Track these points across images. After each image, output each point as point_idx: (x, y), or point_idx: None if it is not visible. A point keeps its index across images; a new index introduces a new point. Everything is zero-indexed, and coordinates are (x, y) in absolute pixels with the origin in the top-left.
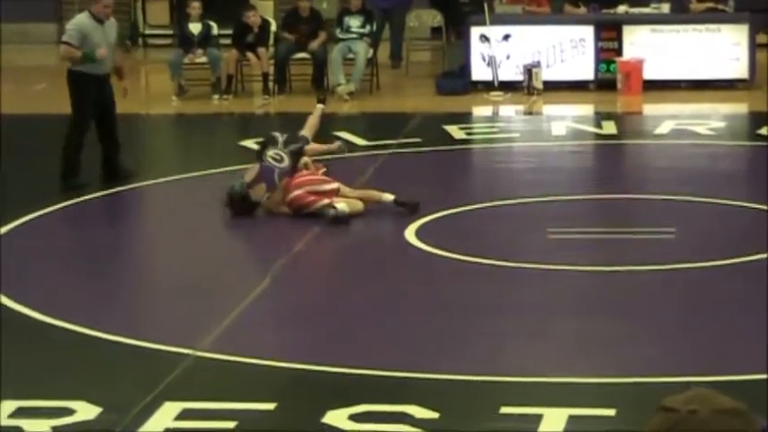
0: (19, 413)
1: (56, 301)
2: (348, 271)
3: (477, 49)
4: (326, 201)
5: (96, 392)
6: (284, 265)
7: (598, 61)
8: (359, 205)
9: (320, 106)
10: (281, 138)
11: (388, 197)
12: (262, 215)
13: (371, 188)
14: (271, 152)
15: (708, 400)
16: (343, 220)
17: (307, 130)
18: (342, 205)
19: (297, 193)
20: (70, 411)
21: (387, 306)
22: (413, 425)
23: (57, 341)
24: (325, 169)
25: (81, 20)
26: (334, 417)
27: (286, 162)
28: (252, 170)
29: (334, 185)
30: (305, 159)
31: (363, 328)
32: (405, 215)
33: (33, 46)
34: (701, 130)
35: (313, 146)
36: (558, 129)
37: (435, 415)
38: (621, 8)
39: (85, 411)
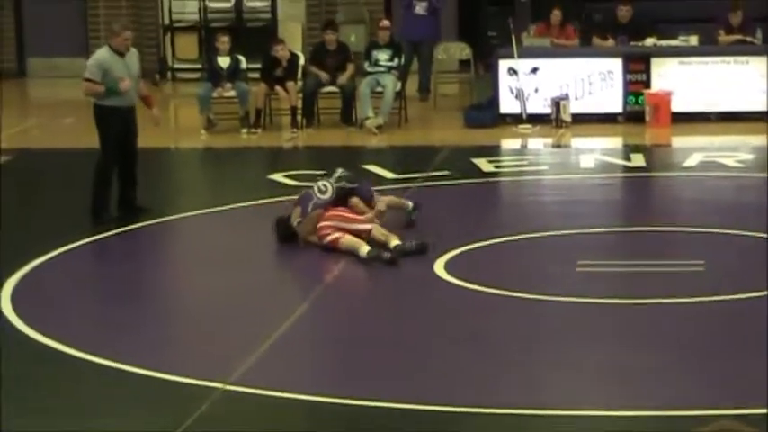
0: None
1: (84, 335)
2: (377, 304)
3: (505, 81)
4: (337, 235)
5: (125, 427)
6: (314, 297)
7: (626, 94)
8: (365, 244)
9: (409, 204)
10: (338, 173)
11: (393, 243)
12: (296, 246)
13: (393, 233)
14: (321, 182)
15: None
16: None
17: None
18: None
19: (324, 224)
20: None
21: (416, 339)
22: None
23: (85, 375)
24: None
25: (101, 54)
26: None
27: (328, 195)
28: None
29: (367, 227)
30: (354, 200)
31: (393, 362)
32: (433, 249)
33: (62, 80)
34: (730, 162)
35: (389, 197)
36: (587, 161)
37: None
38: (650, 41)
39: None
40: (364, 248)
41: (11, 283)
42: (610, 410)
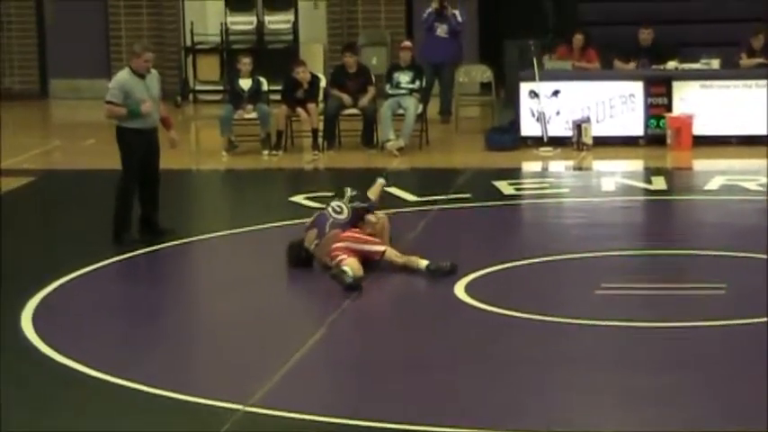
0: None
1: (105, 356)
2: (398, 326)
3: (526, 104)
4: (344, 256)
5: None
6: (335, 319)
7: (648, 117)
8: (361, 272)
9: (381, 181)
10: (349, 192)
11: (423, 264)
12: (317, 267)
13: (415, 254)
14: (334, 203)
15: None
16: (356, 287)
17: (373, 197)
18: (348, 268)
19: (337, 245)
20: None
21: (436, 362)
22: None
23: (106, 396)
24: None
25: (122, 77)
26: None
27: (344, 215)
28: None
29: (380, 248)
30: (369, 218)
31: (413, 384)
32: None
33: (84, 101)
34: (751, 185)
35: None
36: (608, 184)
37: None
38: (671, 64)
39: None
40: (423, 262)
41: (32, 303)
42: None
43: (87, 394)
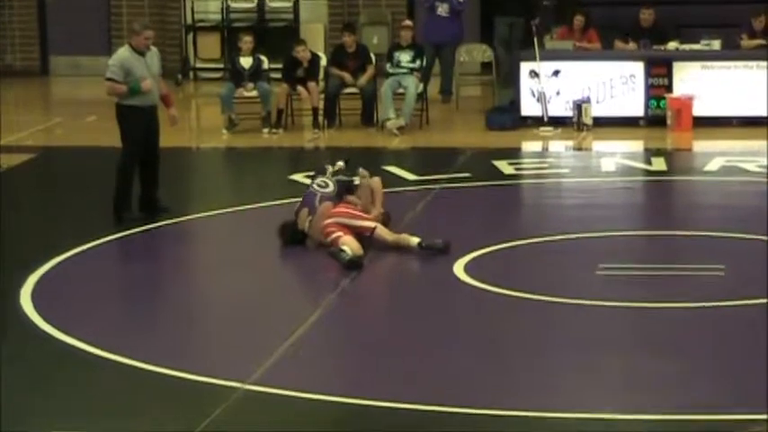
0: None
1: (105, 334)
2: (397, 306)
3: (526, 84)
4: (339, 233)
5: (145, 426)
6: (334, 299)
7: (648, 98)
8: (360, 250)
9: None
10: (330, 168)
11: (414, 241)
12: (312, 246)
13: (412, 233)
14: (318, 179)
15: None
16: (357, 265)
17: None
18: (347, 248)
19: (329, 221)
20: None
21: (435, 341)
22: None
23: (105, 374)
24: (383, 211)
25: (122, 54)
26: None
27: (330, 188)
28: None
29: (371, 224)
30: (351, 198)
31: (412, 363)
32: (453, 250)
33: (85, 78)
34: (751, 167)
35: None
36: (608, 165)
37: None
38: (672, 45)
39: None
40: (414, 239)
41: (32, 280)
42: (629, 413)
43: (85, 371)
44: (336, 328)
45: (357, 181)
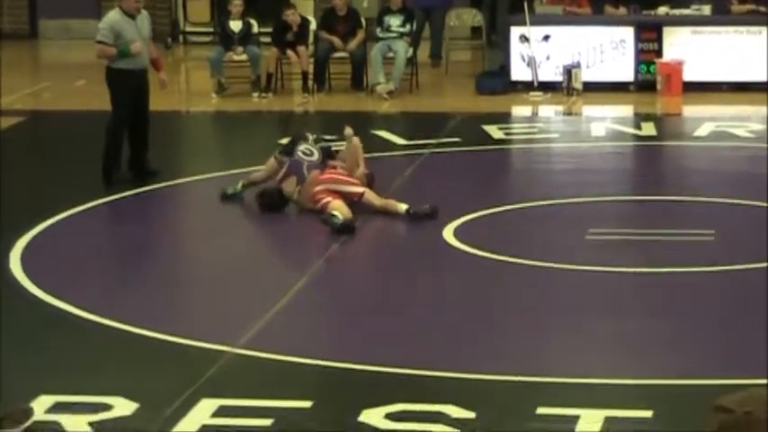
0: (56, 408)
1: (94, 298)
2: (385, 270)
3: (516, 49)
4: (329, 199)
5: (134, 389)
6: (322, 263)
7: (638, 62)
8: (350, 214)
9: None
10: (311, 136)
11: (402, 207)
12: (294, 212)
13: (392, 198)
14: (301, 147)
15: (763, 401)
16: (349, 228)
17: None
18: (338, 213)
19: (318, 188)
20: (107, 407)
21: (423, 305)
22: (449, 424)
23: (94, 337)
24: (367, 172)
25: (112, 17)
26: (371, 415)
27: (316, 156)
28: (266, 169)
29: (359, 189)
30: (333, 163)
31: (400, 328)
32: (443, 215)
33: (74, 42)
34: (741, 132)
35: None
36: (598, 130)
37: (472, 414)
38: (662, 9)
39: (123, 407)
40: (402, 206)
41: (20, 244)
42: (617, 378)
43: (75, 335)
44: (325, 293)
45: (341, 145)
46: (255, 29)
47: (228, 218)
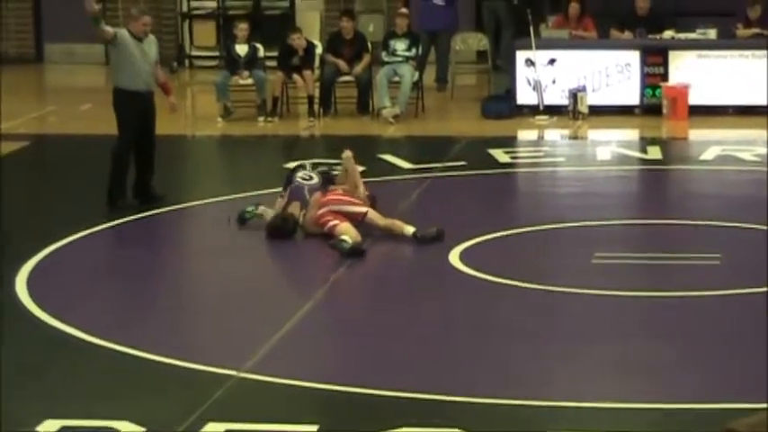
0: None
1: (99, 321)
2: (391, 294)
3: (522, 72)
4: (335, 222)
5: (140, 412)
6: (327, 286)
7: (644, 86)
8: (359, 237)
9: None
10: (306, 164)
11: (409, 230)
12: (300, 236)
13: (397, 219)
14: (300, 173)
15: None
16: (359, 252)
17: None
18: (346, 236)
19: (321, 211)
20: (113, 431)
21: (430, 329)
22: None
23: (100, 361)
24: (368, 194)
25: (122, 33)
26: None
27: (315, 179)
28: (280, 200)
29: (362, 209)
30: (332, 188)
31: (406, 352)
32: (449, 238)
33: (79, 66)
34: (747, 156)
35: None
36: (603, 153)
37: None
38: (668, 33)
39: (129, 431)
40: (409, 228)
41: (27, 268)
42: (624, 402)
43: (80, 358)
44: (331, 316)
45: (337, 171)
46: (261, 53)
47: (234, 241)
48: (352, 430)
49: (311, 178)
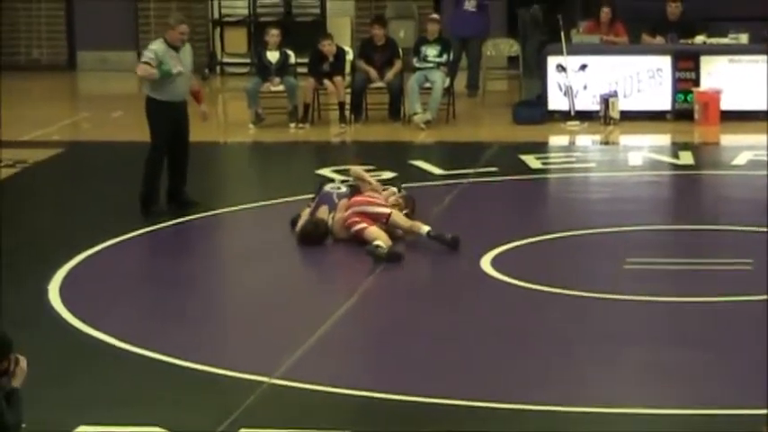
0: None
1: (132, 328)
2: (423, 300)
3: (553, 78)
4: (363, 225)
5: (172, 419)
6: (360, 293)
7: (675, 91)
8: (389, 241)
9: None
10: (338, 179)
11: (425, 229)
12: (330, 242)
13: (419, 220)
14: (328, 185)
15: None
16: (397, 257)
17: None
18: (380, 242)
19: (347, 213)
20: None
21: (462, 335)
22: None
23: (133, 367)
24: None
25: (157, 46)
26: None
27: (344, 189)
28: (307, 209)
29: (386, 210)
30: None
31: (438, 358)
32: (480, 244)
33: (112, 73)
34: None
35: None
36: (635, 159)
37: None
38: (699, 38)
39: None
40: (424, 228)
41: (60, 275)
42: (656, 408)
43: (113, 365)
44: (362, 323)
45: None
46: (292, 59)
47: (265, 248)
48: None
49: (339, 188)
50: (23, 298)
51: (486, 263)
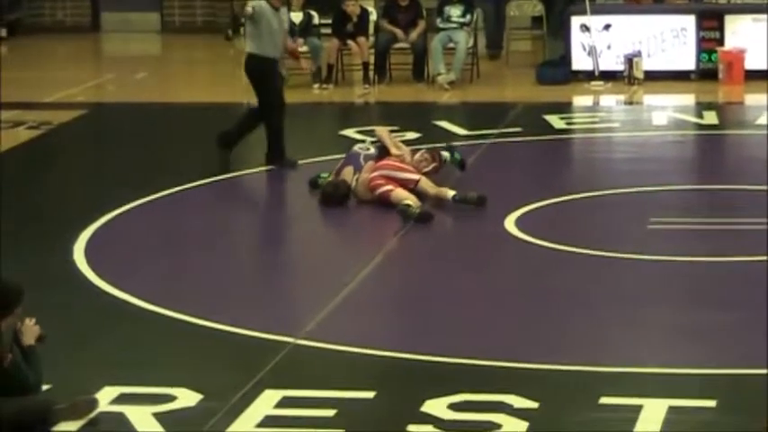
0: (121, 399)
1: (158, 289)
2: (447, 260)
3: (577, 38)
4: (389, 187)
5: (197, 379)
6: (384, 253)
7: (699, 51)
8: (418, 202)
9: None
10: (368, 140)
11: (450, 194)
12: (353, 203)
13: (446, 186)
14: (358, 145)
15: None
16: (428, 216)
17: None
18: (410, 201)
19: (374, 175)
20: (171, 398)
21: (486, 295)
22: (512, 414)
23: (158, 328)
24: (435, 164)
25: (261, 4)
26: (433, 405)
27: (372, 150)
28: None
29: (415, 176)
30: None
31: (462, 318)
32: (504, 205)
33: (135, 35)
34: None
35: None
36: (659, 119)
37: (534, 404)
38: None
39: (186, 398)
40: (450, 192)
41: (84, 236)
42: (681, 368)
43: (138, 326)
44: (387, 283)
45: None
46: (316, 20)
47: (289, 209)
48: (409, 396)
49: (368, 149)
50: (49, 258)
51: (510, 223)
